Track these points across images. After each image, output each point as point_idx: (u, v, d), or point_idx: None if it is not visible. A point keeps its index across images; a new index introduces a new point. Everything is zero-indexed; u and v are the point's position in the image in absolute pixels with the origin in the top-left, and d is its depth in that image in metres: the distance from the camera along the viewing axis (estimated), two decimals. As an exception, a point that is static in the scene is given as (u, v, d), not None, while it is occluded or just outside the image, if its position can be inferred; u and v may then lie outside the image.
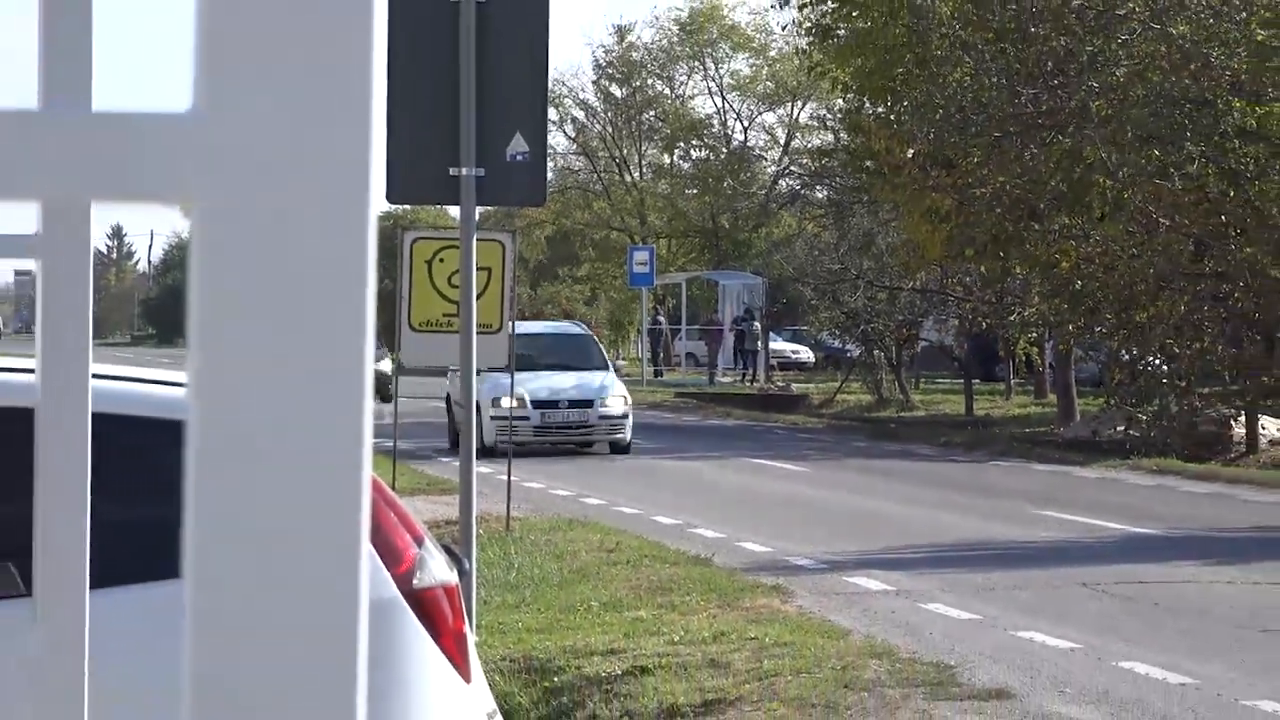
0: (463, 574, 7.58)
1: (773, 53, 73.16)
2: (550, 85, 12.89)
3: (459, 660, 7.04)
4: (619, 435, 35.78)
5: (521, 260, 65.57)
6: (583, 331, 42.19)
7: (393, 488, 7.92)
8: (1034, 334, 45.07)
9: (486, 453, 28.48)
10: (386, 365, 36.78)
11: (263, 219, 0.76)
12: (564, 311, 79.31)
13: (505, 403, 29.64)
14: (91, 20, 2.17)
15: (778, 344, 68.19)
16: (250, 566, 0.77)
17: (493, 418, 32.08)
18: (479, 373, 28.88)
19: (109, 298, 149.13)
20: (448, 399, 35.38)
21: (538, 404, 34.76)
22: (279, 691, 0.77)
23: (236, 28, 0.76)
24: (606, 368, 38.33)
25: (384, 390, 34.03)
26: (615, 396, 36.24)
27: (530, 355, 34.24)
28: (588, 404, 35.63)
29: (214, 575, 0.77)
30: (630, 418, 36.36)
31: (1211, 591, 17.82)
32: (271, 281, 0.77)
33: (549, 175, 12.73)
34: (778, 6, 51.50)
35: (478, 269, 12.78)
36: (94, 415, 2.27)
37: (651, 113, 78.41)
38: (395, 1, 11.78)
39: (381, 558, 6.85)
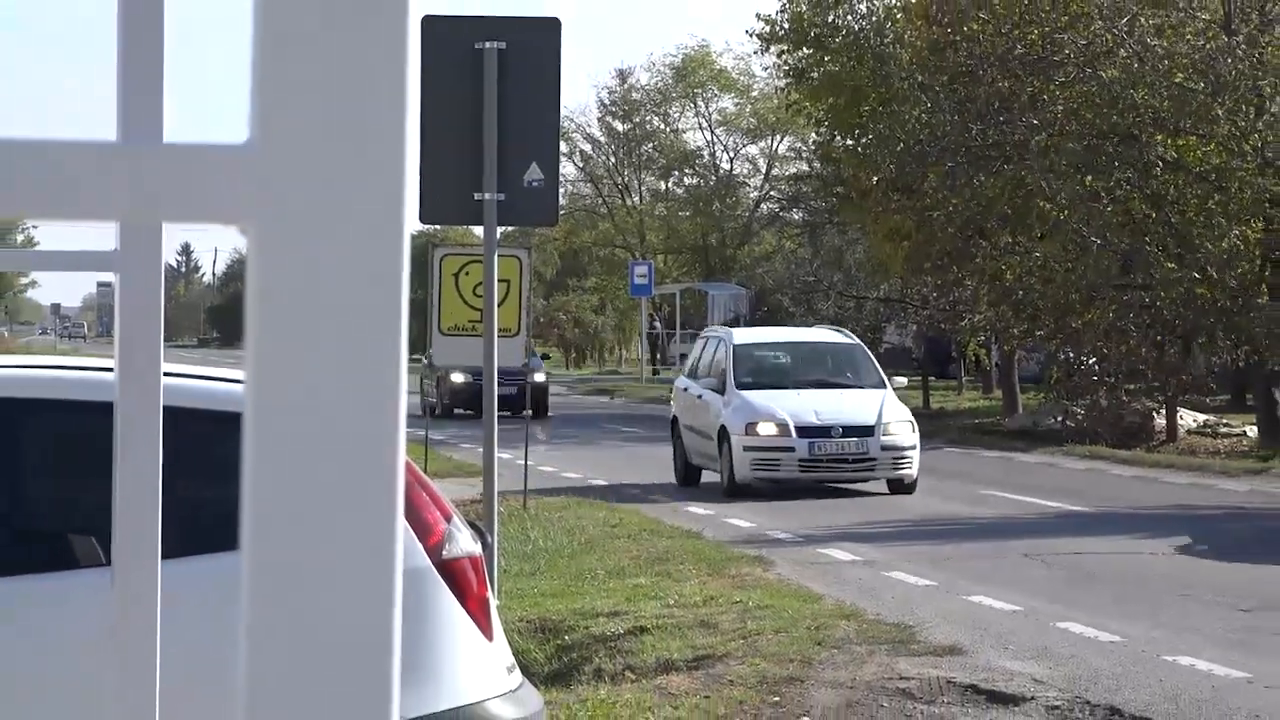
0: (485, 546, 7.58)
1: (755, 92, 73.11)
2: (561, 121, 12.87)
3: (482, 621, 7.03)
4: (905, 470, 24.94)
5: (536, 273, 65.57)
6: (850, 340, 28.93)
7: (425, 471, 7.95)
8: (982, 337, 45.04)
9: (736, 491, 24.24)
10: (542, 377, 36.84)
11: (310, 237, 0.76)
12: (575, 319, 79.38)
13: (764, 429, 24.61)
14: (163, 64, 2.17)
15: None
16: (299, 540, 0.77)
17: (746, 448, 24.58)
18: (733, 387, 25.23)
19: (178, 306, 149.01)
20: (674, 424, 27.88)
21: (804, 431, 24.76)
22: (324, 648, 0.77)
23: (287, 71, 0.76)
24: (884, 385, 26.63)
25: (542, 401, 34.77)
26: (901, 422, 25.29)
27: (781, 368, 27.13)
28: (867, 431, 24.85)
29: (268, 547, 0.77)
30: (918, 449, 25.35)
31: (1137, 561, 17.83)
32: (317, 292, 0.77)
33: (560, 199, 12.71)
34: (759, 52, 51.60)
35: (498, 281, 12.78)
36: (164, 408, 2.27)
37: (649, 145, 78.39)
38: (428, 47, 11.78)
39: (415, 531, 6.84)
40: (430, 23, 12.03)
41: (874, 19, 45.40)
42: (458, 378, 36.93)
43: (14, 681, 6.51)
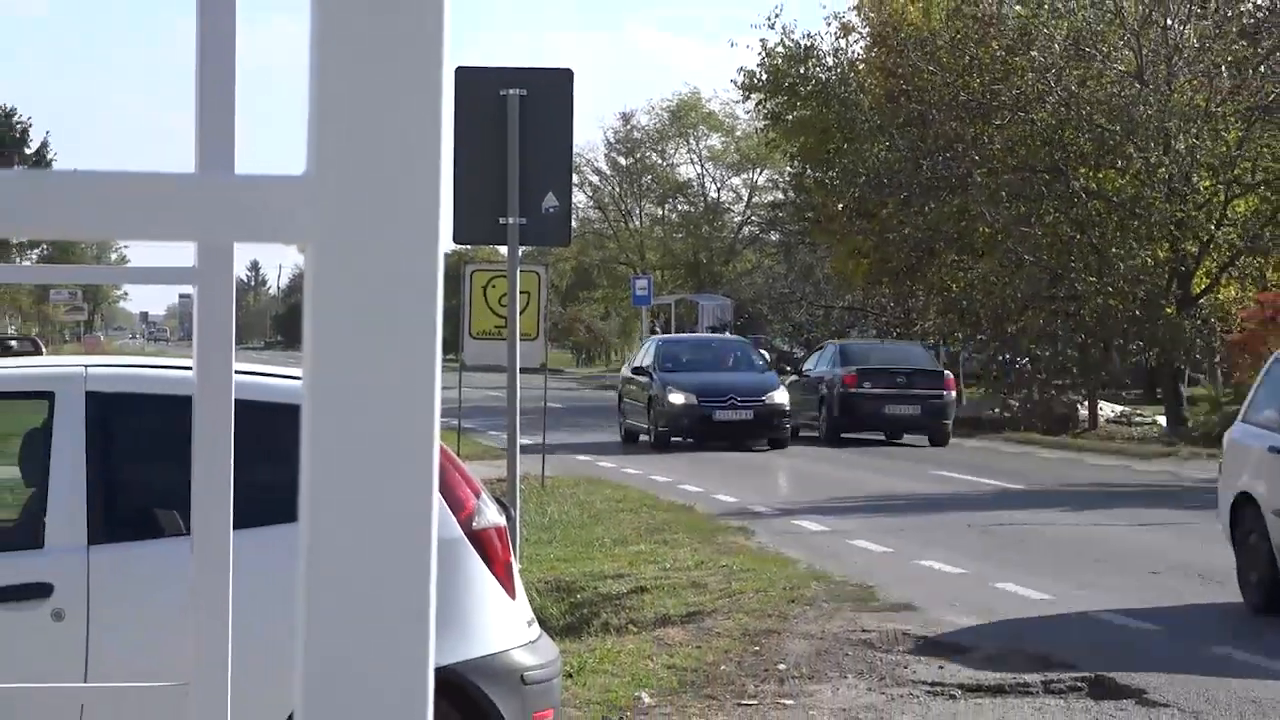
0: (509, 519, 7.57)
1: (738, 132, 73.02)
2: (573, 157, 12.87)
3: (506, 583, 7.03)
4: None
5: (552, 286, 65.66)
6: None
7: (458, 454, 7.96)
8: (932, 340, 45.07)
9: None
10: (782, 397, 29.31)
11: (359, 254, 0.76)
12: (585, 325, 79.37)
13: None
14: (234, 108, 2.17)
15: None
16: (348, 513, 0.77)
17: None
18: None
19: (247, 314, 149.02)
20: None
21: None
22: (370, 605, 0.77)
23: (340, 113, 0.76)
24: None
25: (780, 426, 28.65)
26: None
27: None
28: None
29: (323, 519, 0.77)
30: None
31: (1063, 530, 17.85)
32: (365, 301, 0.76)
33: (572, 223, 12.70)
34: (742, 99, 51.57)
35: (520, 293, 12.78)
36: (236, 401, 2.27)
37: (648, 177, 78.34)
38: (460, 93, 11.79)
39: (449, 506, 6.84)
40: (462, 73, 12.03)
41: (839, 71, 45.41)
42: (676, 398, 28.67)
43: (126, 628, 6.51)
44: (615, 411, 32.56)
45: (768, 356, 33.33)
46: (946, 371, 33.08)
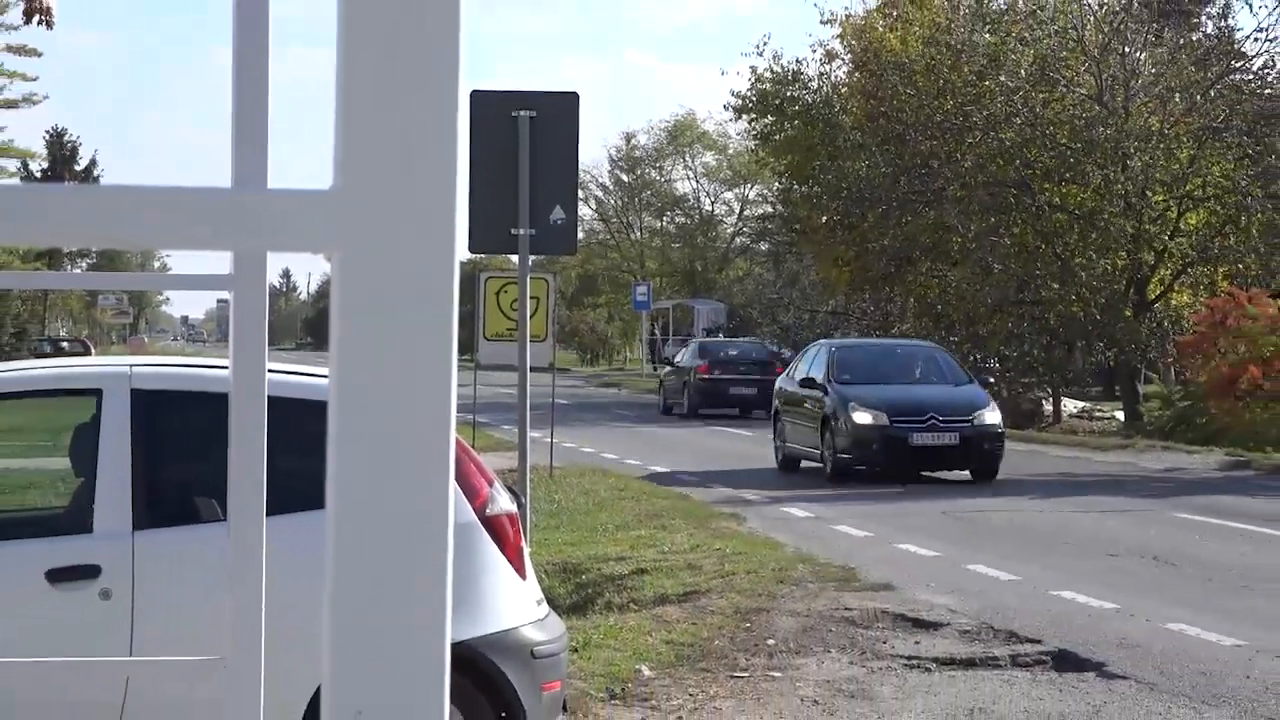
0: (520, 505, 7.58)
1: (730, 150, 73.09)
2: (578, 173, 12.88)
3: (517, 564, 7.03)
4: None
5: (560, 292, 65.76)
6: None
7: (473, 446, 7.97)
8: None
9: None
10: (995, 416, 21.72)
11: (381, 263, 0.76)
12: (590, 328, 79.38)
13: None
14: (267, 127, 2.17)
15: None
16: (372, 500, 0.77)
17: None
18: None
19: (280, 317, 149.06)
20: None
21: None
22: (390, 585, 0.77)
23: (364, 133, 0.76)
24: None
25: (992, 453, 21.29)
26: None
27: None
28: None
29: (348, 506, 0.76)
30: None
31: (1029, 516, 17.84)
32: (387, 305, 0.76)
33: (578, 234, 12.70)
34: (734, 119, 51.58)
35: (530, 298, 12.79)
36: (269, 398, 2.27)
37: (648, 192, 78.42)
38: (475, 115, 11.79)
39: (464, 493, 6.84)
40: (477, 96, 12.03)
41: (823, 94, 45.41)
42: (862, 417, 21.58)
43: (167, 606, 6.51)
44: (616, 407, 32.47)
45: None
46: (777, 363, 36.24)
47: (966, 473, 21.94)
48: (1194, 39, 36.64)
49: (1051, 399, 35.00)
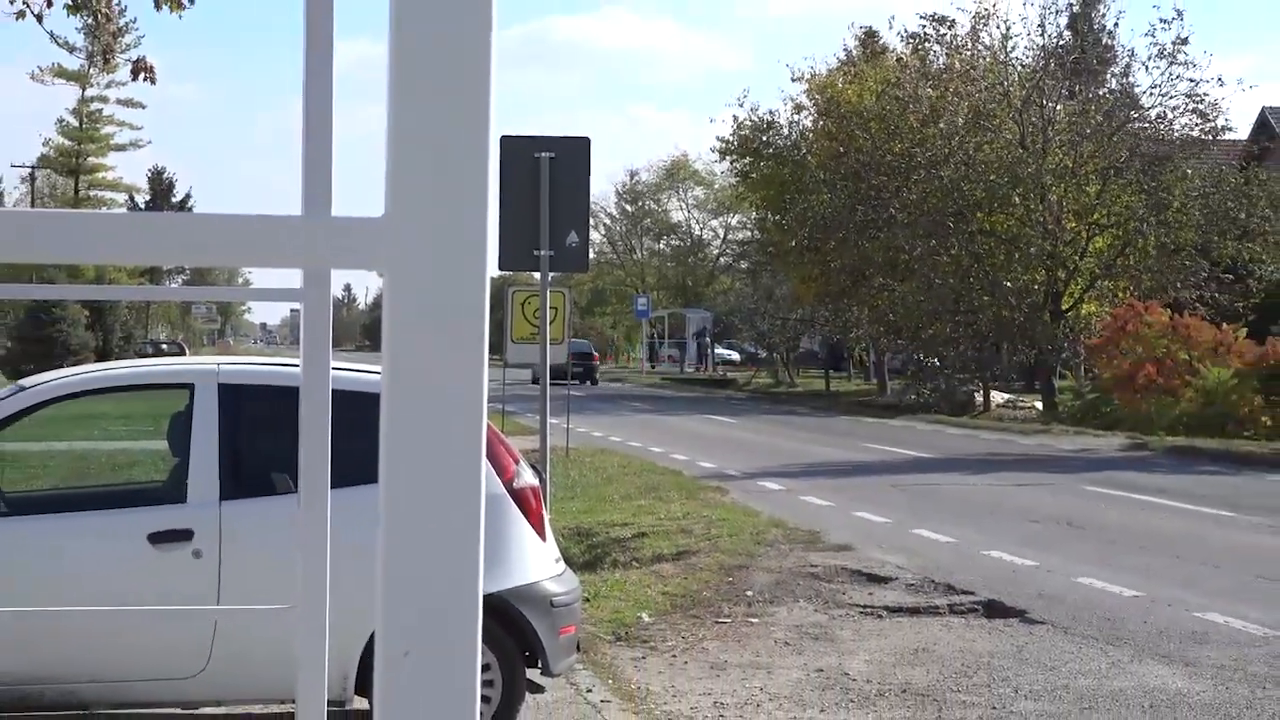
0: (541, 480, 7.58)
1: (716, 185, 72.95)
2: (590, 204, 12.87)
3: (539, 529, 7.04)
4: None
5: (574, 303, 65.83)
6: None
7: (501, 430, 7.95)
8: (864, 344, 45.13)
9: None
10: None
11: (424, 278, 0.76)
12: (599, 332, 79.36)
13: None
14: (331, 164, 2.17)
15: (719, 350, 68.19)
16: (417, 476, 0.76)
17: None
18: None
19: (342, 323, 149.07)
20: None
21: None
22: (432, 547, 0.77)
23: (411, 171, 0.76)
24: None
25: None
26: None
27: None
28: None
29: (398, 481, 0.76)
30: None
31: (966, 490, 17.86)
32: (429, 314, 0.76)
33: (590, 254, 12.69)
34: (719, 160, 51.55)
35: (550, 308, 12.78)
36: (333, 391, 2.27)
37: (648, 219, 78.31)
38: (505, 156, 11.78)
39: (494, 470, 6.85)
40: (506, 140, 12.03)
41: (792, 138, 45.39)
42: None
43: (248, 564, 6.52)
44: (621, 398, 32.47)
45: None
46: (594, 351, 49.44)
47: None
48: (1100, 94, 36.62)
49: (982, 391, 35.01)
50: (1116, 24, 49.19)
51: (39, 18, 8.14)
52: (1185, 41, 35.12)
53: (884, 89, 38.01)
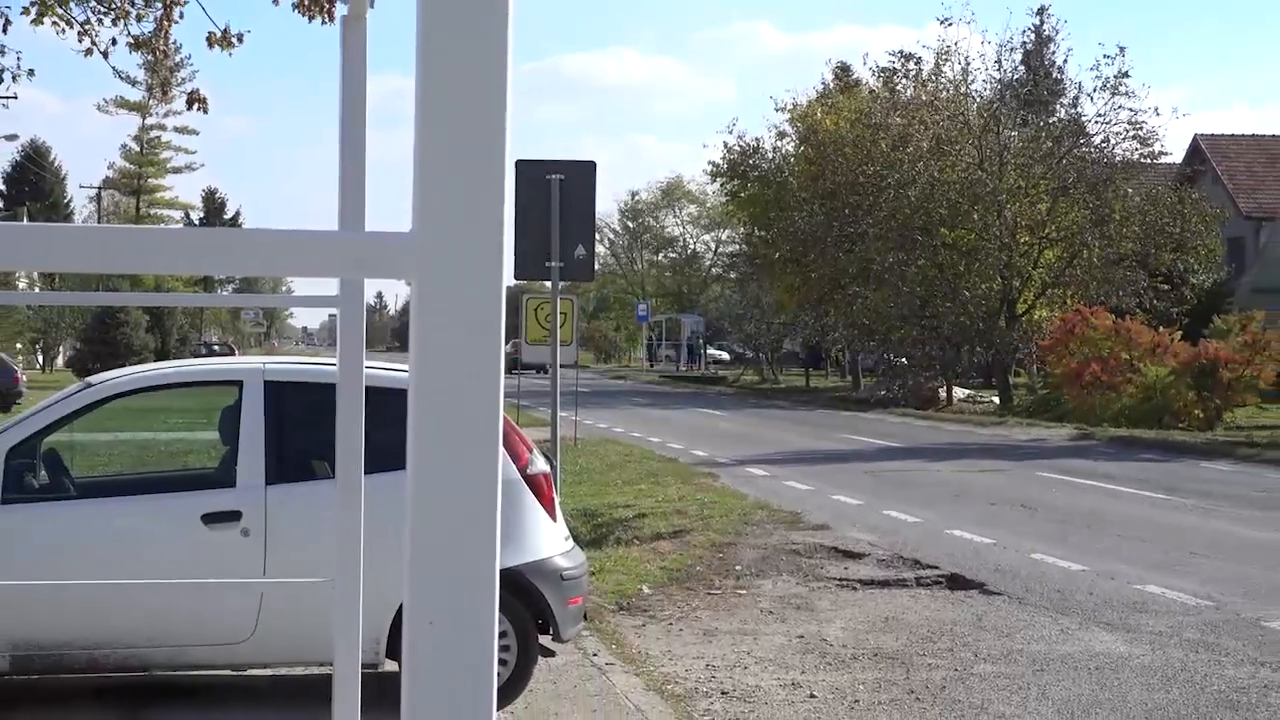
0: (551, 466, 7.57)
1: (708, 204, 72.94)
2: (596, 220, 12.86)
3: (550, 511, 7.03)
4: None
5: (582, 309, 65.69)
6: None
7: (516, 422, 7.93)
8: (840, 345, 45.09)
9: None
10: None
11: (448, 286, 0.76)
12: (604, 335, 79.33)
13: None
14: (364, 186, 2.17)
15: (710, 351, 68.19)
16: (441, 463, 0.76)
17: None
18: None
19: (374, 327, 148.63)
20: None
21: None
22: (455, 525, 0.77)
23: (436, 192, 0.76)
24: None
25: None
26: None
27: None
28: None
29: (424, 467, 0.76)
30: None
31: (929, 475, 17.85)
32: (452, 318, 0.76)
33: (595, 266, 12.68)
34: (711, 181, 51.53)
35: (560, 313, 12.77)
36: (365, 387, 2.27)
37: (647, 234, 78.27)
38: (519, 178, 11.78)
39: (510, 457, 6.84)
40: (521, 164, 12.03)
41: (776, 162, 45.36)
42: None
43: (291, 542, 6.52)
44: (623, 394, 32.47)
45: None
46: None
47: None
48: (1051, 122, 36.64)
49: (945, 388, 34.99)
50: (1066, 60, 49.24)
51: (105, 55, 8.15)
52: (1126, 75, 35.32)
53: (857, 118, 38.03)
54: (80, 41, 8.01)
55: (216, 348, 73.41)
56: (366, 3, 2.15)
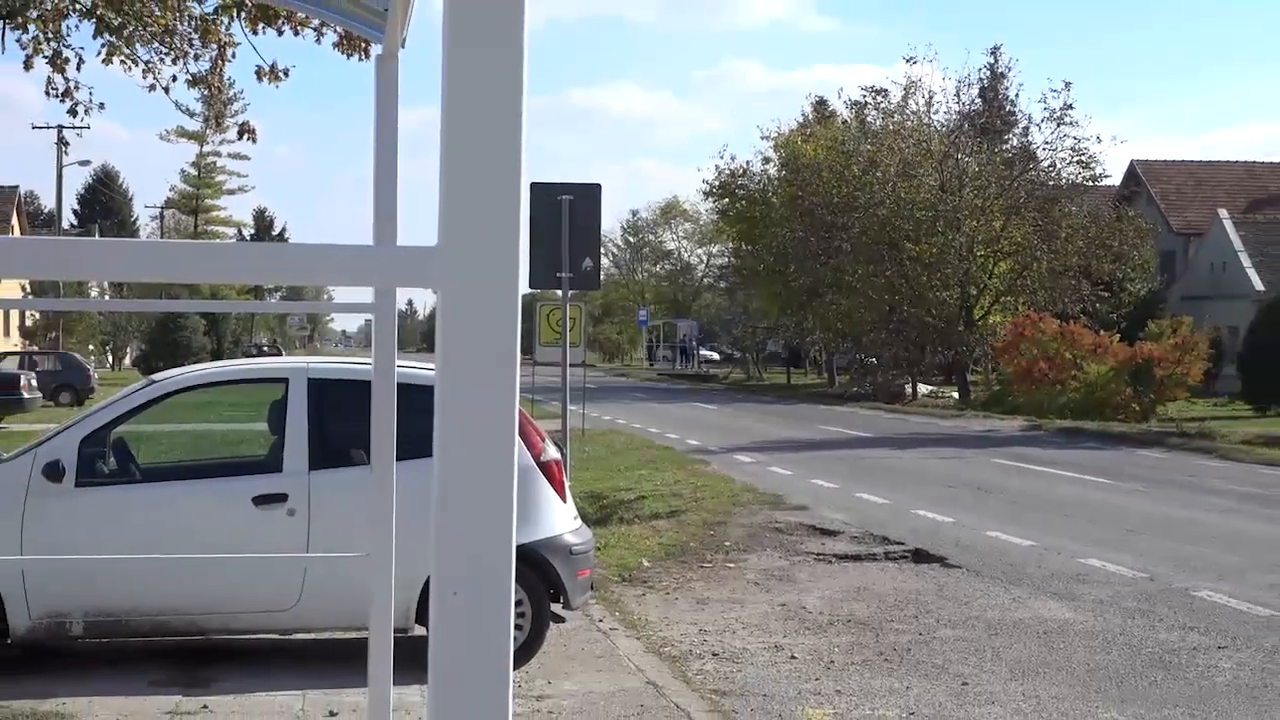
0: (562, 454, 7.57)
1: (701, 221, 72.74)
2: (601, 236, 12.84)
3: (561, 493, 7.03)
4: None
5: (589, 314, 65.65)
6: None
7: (531, 415, 7.94)
8: (817, 347, 45.06)
9: None
10: None
11: (470, 294, 0.76)
12: (608, 338, 79.21)
13: None
14: (396, 204, 2.16)
15: (703, 351, 68.14)
16: (464, 451, 0.76)
17: None
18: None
19: (405, 330, 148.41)
20: None
21: None
22: (476, 507, 0.76)
23: (459, 210, 0.76)
24: None
25: None
26: None
27: None
28: None
29: (449, 454, 0.76)
30: None
31: (896, 462, 17.84)
32: (474, 322, 0.76)
33: (600, 276, 12.67)
34: (704, 200, 51.51)
35: (570, 318, 12.76)
36: (397, 384, 2.26)
37: (646, 248, 78.18)
38: (534, 198, 11.77)
39: (526, 446, 6.84)
40: (535, 186, 12.02)
41: (761, 184, 45.33)
42: None
43: (332, 521, 6.52)
44: (627, 389, 32.39)
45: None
46: None
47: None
48: (1005, 148, 36.66)
49: (911, 384, 34.98)
50: (1018, 94, 49.21)
51: (166, 90, 8.15)
52: (1071, 107, 35.40)
53: (833, 145, 38.03)
54: (144, 78, 8.01)
55: (265, 348, 73.32)
56: (399, 43, 2.15)
